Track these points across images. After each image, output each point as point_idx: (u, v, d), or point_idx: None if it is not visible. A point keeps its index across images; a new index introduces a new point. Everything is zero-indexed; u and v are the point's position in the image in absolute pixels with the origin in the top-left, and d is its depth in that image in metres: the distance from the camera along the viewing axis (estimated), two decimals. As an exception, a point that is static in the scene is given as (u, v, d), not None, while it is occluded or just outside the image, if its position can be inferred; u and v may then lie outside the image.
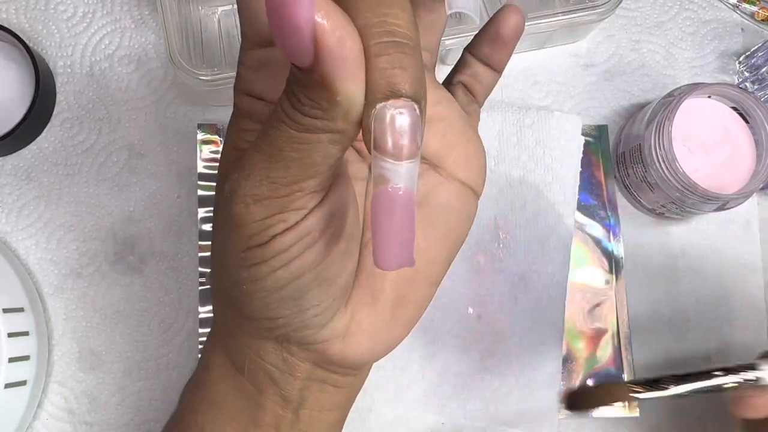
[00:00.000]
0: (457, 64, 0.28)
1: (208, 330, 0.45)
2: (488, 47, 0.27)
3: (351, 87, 0.17)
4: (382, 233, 0.19)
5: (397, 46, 0.18)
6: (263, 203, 0.20)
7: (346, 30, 0.17)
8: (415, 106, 0.18)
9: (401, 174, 0.18)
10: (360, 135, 0.19)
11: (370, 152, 0.18)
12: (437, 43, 0.27)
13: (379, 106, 0.18)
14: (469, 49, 0.28)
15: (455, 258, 0.26)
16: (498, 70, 0.28)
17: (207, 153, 0.47)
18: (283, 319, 0.23)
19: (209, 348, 0.27)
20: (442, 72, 0.32)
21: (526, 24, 0.35)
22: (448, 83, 0.28)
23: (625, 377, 0.47)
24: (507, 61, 0.27)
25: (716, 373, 0.33)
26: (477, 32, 0.27)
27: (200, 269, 0.46)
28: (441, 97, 0.26)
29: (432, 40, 0.27)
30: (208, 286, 0.46)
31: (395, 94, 0.18)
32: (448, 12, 0.24)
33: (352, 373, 0.26)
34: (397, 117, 0.18)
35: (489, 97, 0.29)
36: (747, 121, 0.46)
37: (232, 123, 0.24)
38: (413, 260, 0.19)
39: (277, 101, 0.19)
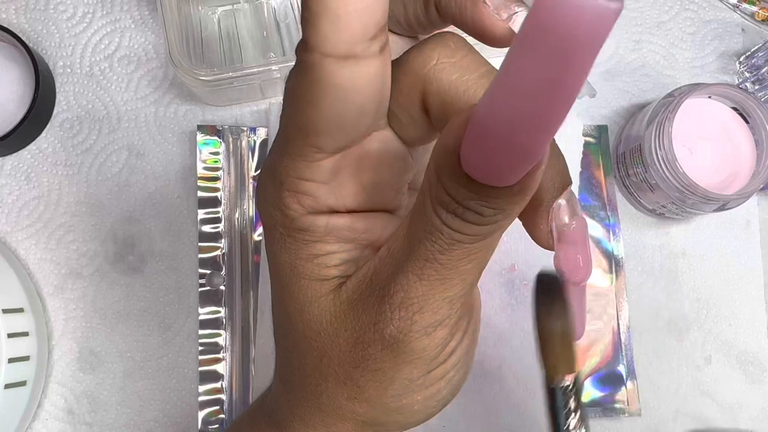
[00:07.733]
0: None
1: (208, 330, 0.45)
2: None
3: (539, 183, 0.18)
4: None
5: (553, 149, 0.20)
6: (444, 323, 0.19)
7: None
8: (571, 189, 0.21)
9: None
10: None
11: (552, 248, 0.21)
12: None
13: (556, 202, 0.21)
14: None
15: None
16: None
17: (206, 154, 0.47)
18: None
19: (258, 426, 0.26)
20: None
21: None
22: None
23: (625, 377, 0.47)
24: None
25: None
26: None
27: (200, 270, 0.46)
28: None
29: None
30: (208, 287, 0.46)
31: (565, 187, 0.21)
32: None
33: None
34: (569, 204, 0.21)
35: None
36: (747, 122, 0.46)
37: (300, 253, 0.20)
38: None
39: (409, 226, 0.18)
